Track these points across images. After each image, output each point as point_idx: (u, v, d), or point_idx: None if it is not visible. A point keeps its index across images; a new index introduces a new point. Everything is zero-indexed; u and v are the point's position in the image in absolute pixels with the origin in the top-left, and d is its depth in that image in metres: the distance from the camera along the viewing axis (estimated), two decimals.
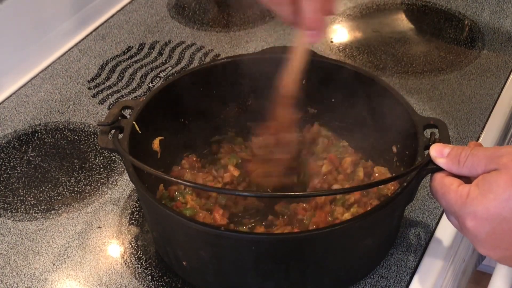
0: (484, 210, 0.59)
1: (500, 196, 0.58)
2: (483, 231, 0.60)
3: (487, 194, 0.59)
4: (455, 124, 0.95)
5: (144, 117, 0.76)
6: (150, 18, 1.22)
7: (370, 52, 1.12)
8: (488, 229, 0.59)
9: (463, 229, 0.62)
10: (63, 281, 0.75)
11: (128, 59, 1.11)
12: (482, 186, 0.59)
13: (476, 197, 0.59)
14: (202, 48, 1.14)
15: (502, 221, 0.58)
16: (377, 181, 0.82)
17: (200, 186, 0.80)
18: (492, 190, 0.58)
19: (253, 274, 0.68)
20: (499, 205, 0.58)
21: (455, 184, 0.62)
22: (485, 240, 0.60)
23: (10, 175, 0.89)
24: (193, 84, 0.83)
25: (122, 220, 0.82)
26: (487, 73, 1.05)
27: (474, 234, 0.61)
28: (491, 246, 0.61)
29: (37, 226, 0.82)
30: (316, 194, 0.78)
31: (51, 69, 1.10)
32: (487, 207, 0.59)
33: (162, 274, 0.75)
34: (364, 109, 0.82)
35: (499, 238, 0.59)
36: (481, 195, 0.59)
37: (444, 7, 1.22)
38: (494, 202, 0.58)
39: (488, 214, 0.59)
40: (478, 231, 0.60)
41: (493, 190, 0.58)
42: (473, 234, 0.61)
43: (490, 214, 0.59)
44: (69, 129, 0.97)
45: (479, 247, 0.62)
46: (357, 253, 0.71)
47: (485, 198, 0.59)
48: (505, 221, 0.58)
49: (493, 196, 0.58)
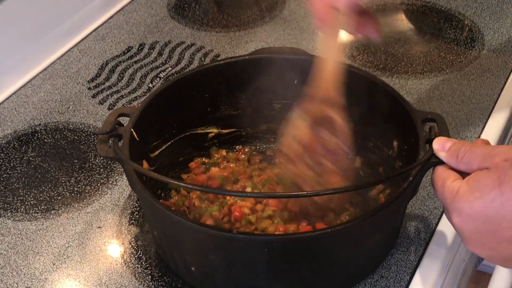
0: (469, 208, 0.59)
1: (486, 196, 0.58)
2: (468, 229, 0.60)
3: (474, 192, 0.59)
4: (455, 124, 0.95)
5: (141, 123, 0.76)
6: (150, 18, 1.22)
7: (370, 52, 1.12)
8: (472, 227, 0.59)
9: (452, 224, 0.62)
10: (63, 281, 0.75)
11: (128, 59, 1.11)
12: (471, 184, 0.60)
13: (464, 194, 0.60)
14: (202, 48, 1.14)
15: (486, 221, 0.58)
16: (381, 178, 0.83)
17: (201, 188, 0.80)
18: (479, 188, 0.58)
19: (265, 275, 0.68)
20: (483, 205, 0.58)
21: (450, 179, 0.63)
22: (470, 237, 0.60)
23: (10, 175, 0.89)
24: (188, 88, 0.84)
25: (122, 220, 0.82)
26: (487, 73, 1.05)
27: (460, 231, 0.61)
28: (477, 244, 0.60)
29: (37, 226, 0.82)
30: (316, 194, 0.77)
31: (51, 69, 1.10)
32: (472, 206, 0.59)
33: (162, 274, 0.75)
34: (362, 107, 0.82)
35: (483, 237, 0.59)
36: (469, 192, 0.59)
37: (444, 7, 1.22)
38: (479, 201, 0.58)
39: (472, 212, 0.59)
40: (463, 228, 0.60)
41: (480, 189, 0.58)
42: (459, 231, 0.61)
43: (475, 213, 0.59)
44: (69, 129, 0.97)
45: (466, 243, 0.62)
46: (366, 249, 0.71)
47: (472, 196, 0.59)
48: (489, 221, 0.58)
49: (479, 195, 0.58)
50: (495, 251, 0.60)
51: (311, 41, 1.15)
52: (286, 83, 0.85)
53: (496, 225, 0.58)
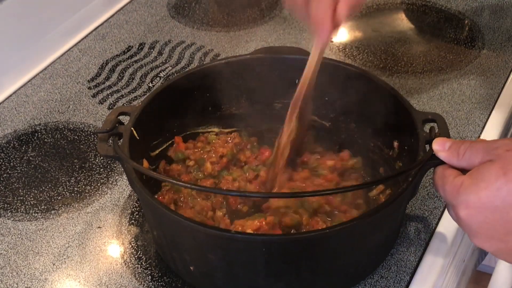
0: (476, 198, 0.59)
1: (492, 185, 0.58)
2: (476, 221, 0.59)
3: (479, 183, 0.58)
4: (455, 124, 0.95)
5: (141, 122, 0.76)
6: (150, 18, 1.22)
7: (370, 52, 1.12)
8: (481, 219, 0.59)
9: (458, 220, 0.62)
10: (63, 281, 0.75)
11: (128, 58, 1.11)
12: (475, 175, 0.59)
13: (468, 186, 0.59)
14: (202, 48, 1.14)
15: (494, 211, 0.58)
16: (382, 178, 0.83)
17: (200, 188, 0.80)
18: (484, 178, 0.58)
19: (263, 275, 0.68)
20: (490, 194, 0.58)
21: (452, 175, 0.62)
22: (478, 230, 0.60)
23: (10, 175, 0.89)
24: (188, 88, 0.84)
25: (122, 220, 0.82)
26: (487, 73, 1.05)
27: (468, 224, 0.60)
28: (485, 237, 0.60)
29: (37, 226, 0.82)
30: (315, 194, 0.77)
31: (51, 69, 1.10)
32: (479, 196, 0.58)
33: (162, 274, 0.75)
34: (362, 107, 0.82)
35: (492, 228, 0.59)
36: (474, 184, 0.59)
37: (444, 7, 1.22)
38: (486, 191, 0.58)
39: (480, 203, 0.58)
40: (470, 221, 0.60)
41: (485, 179, 0.58)
42: (467, 224, 0.61)
43: (482, 203, 0.58)
44: (69, 129, 0.97)
45: (474, 238, 0.61)
46: (365, 249, 0.71)
47: (477, 186, 0.59)
48: (497, 210, 0.58)
49: (485, 185, 0.58)
50: (503, 243, 0.60)
51: (311, 41, 1.14)
52: (287, 82, 0.85)
53: (504, 214, 0.58)
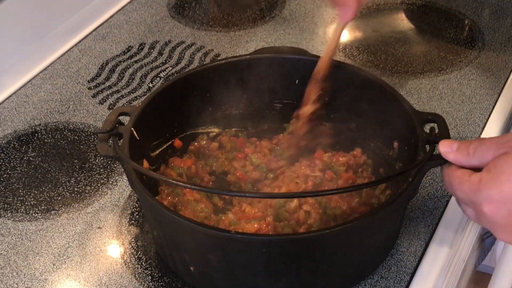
0: (499, 192, 0.58)
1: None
2: (500, 214, 0.59)
3: (500, 176, 0.58)
4: (455, 124, 0.95)
5: (141, 122, 0.76)
6: (150, 18, 1.22)
7: (370, 52, 1.12)
8: (505, 212, 0.58)
9: (481, 217, 0.61)
10: (63, 281, 0.75)
11: (128, 59, 1.11)
12: (494, 169, 0.59)
13: (489, 181, 0.59)
14: (202, 48, 1.14)
15: None
16: (382, 178, 0.83)
17: (200, 188, 0.80)
18: (504, 171, 0.58)
19: (263, 275, 0.68)
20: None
21: (467, 174, 0.62)
22: (504, 224, 0.59)
23: (10, 175, 0.89)
24: (188, 88, 0.84)
25: (122, 221, 0.82)
26: (487, 73, 1.05)
27: (492, 220, 0.60)
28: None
29: (37, 226, 0.82)
30: (315, 194, 0.78)
31: (51, 69, 1.10)
32: (501, 189, 0.58)
33: (162, 274, 0.75)
34: (362, 107, 0.82)
35: None
36: (494, 178, 0.58)
37: (444, 7, 1.22)
38: (508, 183, 0.57)
39: (503, 195, 0.58)
40: (495, 215, 0.59)
41: (505, 171, 0.58)
42: (491, 220, 0.60)
43: (505, 195, 0.58)
44: (69, 129, 0.97)
45: (500, 233, 0.61)
46: (366, 250, 0.71)
47: (498, 180, 0.58)
48: None
49: (506, 177, 0.58)
50: None
51: (311, 41, 1.15)
52: (287, 82, 0.85)
53: None
